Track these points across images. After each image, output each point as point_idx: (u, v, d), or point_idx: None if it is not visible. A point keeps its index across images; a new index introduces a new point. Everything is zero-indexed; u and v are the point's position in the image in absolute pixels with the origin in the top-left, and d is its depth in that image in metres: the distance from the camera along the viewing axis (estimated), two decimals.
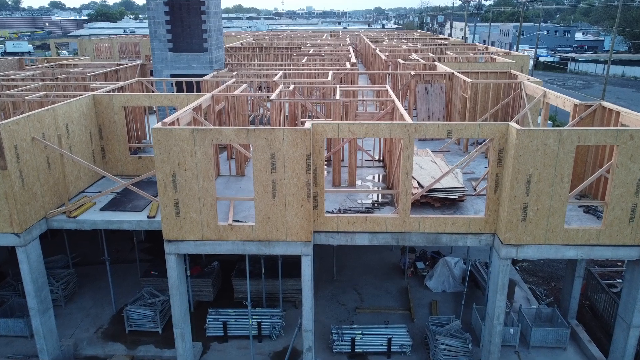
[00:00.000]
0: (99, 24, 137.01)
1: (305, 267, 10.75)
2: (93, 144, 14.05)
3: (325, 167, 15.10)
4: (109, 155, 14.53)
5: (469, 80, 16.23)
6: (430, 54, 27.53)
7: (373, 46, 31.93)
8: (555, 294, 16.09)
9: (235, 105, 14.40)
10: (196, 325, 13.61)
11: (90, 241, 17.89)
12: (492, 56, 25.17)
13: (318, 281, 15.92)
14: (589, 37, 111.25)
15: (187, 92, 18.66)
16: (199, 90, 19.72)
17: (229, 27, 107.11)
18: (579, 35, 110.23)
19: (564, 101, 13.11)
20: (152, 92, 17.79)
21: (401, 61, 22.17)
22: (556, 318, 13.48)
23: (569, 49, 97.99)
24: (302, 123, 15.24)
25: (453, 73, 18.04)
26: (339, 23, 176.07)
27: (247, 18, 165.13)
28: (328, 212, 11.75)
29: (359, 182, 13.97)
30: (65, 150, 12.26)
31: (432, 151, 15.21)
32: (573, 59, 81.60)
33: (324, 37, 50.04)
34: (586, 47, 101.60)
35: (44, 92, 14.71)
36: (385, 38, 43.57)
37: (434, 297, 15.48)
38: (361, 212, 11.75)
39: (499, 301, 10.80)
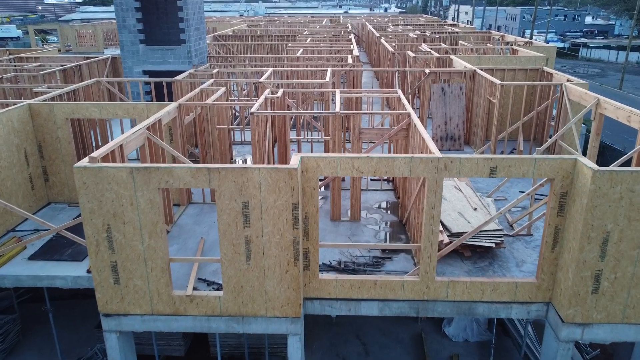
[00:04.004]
0: (92, 8, 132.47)
1: (293, 349, 7.95)
2: (30, 167, 11.19)
3: (322, 189, 12.27)
4: (52, 178, 11.68)
5: (497, 82, 13.28)
6: (443, 45, 24.45)
7: (377, 34, 28.82)
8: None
9: (209, 117, 11.51)
10: None
11: None
12: (514, 47, 22.09)
13: (314, 326, 13.17)
14: (599, 21, 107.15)
15: (163, 93, 15.70)
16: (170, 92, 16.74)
17: (225, 12, 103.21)
18: (588, 20, 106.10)
19: (628, 114, 10.16)
20: (115, 95, 14.86)
21: (411, 54, 19.14)
22: None
23: (579, 34, 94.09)
24: (297, 146, 12.38)
25: (475, 71, 15.10)
26: (340, 7, 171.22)
27: (245, 1, 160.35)
28: (324, 264, 8.97)
29: (363, 214, 11.16)
30: None
31: None
32: (585, 45, 78.00)
33: (324, 22, 46.75)
34: (596, 32, 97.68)
35: None
36: (389, 24, 40.33)
37: (454, 348, 12.72)
38: (368, 265, 8.94)
39: None
